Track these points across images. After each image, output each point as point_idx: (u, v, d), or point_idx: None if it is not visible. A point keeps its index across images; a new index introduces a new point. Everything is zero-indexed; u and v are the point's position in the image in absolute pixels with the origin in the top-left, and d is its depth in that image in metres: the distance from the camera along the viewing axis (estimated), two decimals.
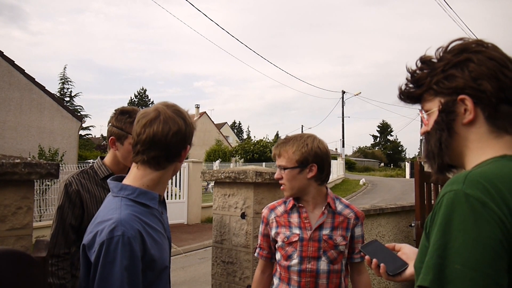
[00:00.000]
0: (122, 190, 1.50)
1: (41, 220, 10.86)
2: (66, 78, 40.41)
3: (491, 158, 1.02)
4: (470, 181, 0.91)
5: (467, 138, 1.06)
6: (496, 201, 0.87)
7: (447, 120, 1.07)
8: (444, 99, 1.08)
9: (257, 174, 2.87)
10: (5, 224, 1.75)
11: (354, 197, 22.26)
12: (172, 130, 1.49)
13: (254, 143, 33.18)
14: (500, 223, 0.85)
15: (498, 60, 1.04)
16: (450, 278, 0.84)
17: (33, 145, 13.55)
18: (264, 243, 2.22)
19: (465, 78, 1.04)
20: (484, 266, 0.82)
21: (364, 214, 2.25)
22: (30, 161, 1.78)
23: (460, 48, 1.09)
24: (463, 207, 0.87)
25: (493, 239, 0.84)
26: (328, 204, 2.13)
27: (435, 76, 1.10)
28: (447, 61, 1.08)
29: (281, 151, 2.11)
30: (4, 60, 13.57)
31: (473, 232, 0.85)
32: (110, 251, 1.32)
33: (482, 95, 1.03)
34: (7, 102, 13.62)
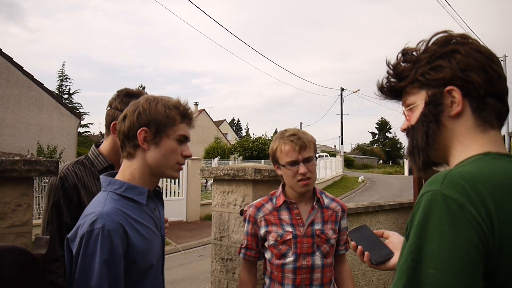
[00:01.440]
0: (110, 184, 1.49)
1: (40, 218, 10.87)
2: (65, 75, 40.29)
3: (475, 155, 0.98)
4: (449, 181, 0.87)
5: (454, 131, 1.02)
6: (475, 203, 0.84)
7: (435, 112, 1.03)
8: (431, 90, 1.04)
9: (256, 171, 2.87)
10: (4, 221, 1.75)
11: (352, 194, 22.28)
12: (122, 115, 1.52)
13: (253, 140, 33.19)
14: (477, 226, 0.82)
15: (485, 53, 1.02)
16: (423, 282, 0.81)
17: (32, 142, 13.54)
18: (252, 243, 2.14)
19: (453, 68, 1.01)
20: (458, 271, 0.80)
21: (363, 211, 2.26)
22: (29, 158, 1.78)
23: (445, 39, 1.05)
24: (440, 208, 0.84)
25: (468, 244, 0.81)
26: (318, 199, 2.13)
27: (420, 68, 1.05)
28: (433, 52, 1.05)
29: (306, 142, 2.02)
30: (2, 57, 13.55)
31: (448, 235, 0.82)
32: (90, 244, 1.31)
33: (470, 86, 1.00)
34: (5, 99, 13.60)
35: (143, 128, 1.47)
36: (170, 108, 1.51)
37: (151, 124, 1.48)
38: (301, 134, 2.05)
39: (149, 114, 1.48)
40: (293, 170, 2.02)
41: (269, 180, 2.99)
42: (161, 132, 1.49)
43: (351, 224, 4.27)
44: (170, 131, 1.50)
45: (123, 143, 1.52)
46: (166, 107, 1.50)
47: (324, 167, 26.96)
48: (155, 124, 1.48)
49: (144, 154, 1.50)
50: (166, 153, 1.50)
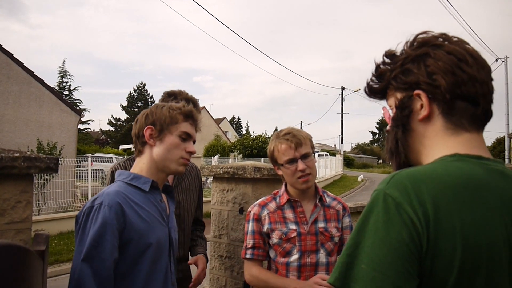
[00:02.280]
0: (120, 175, 1.70)
1: (39, 214, 10.89)
2: (65, 71, 40.42)
3: (442, 156, 0.99)
4: (394, 180, 0.89)
5: (423, 134, 1.03)
6: (412, 202, 0.85)
7: (402, 116, 1.04)
8: (401, 94, 1.05)
9: (255, 170, 2.88)
10: (4, 217, 1.76)
11: (352, 193, 22.30)
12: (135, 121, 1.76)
13: (253, 139, 33.16)
14: (410, 225, 0.83)
15: (457, 55, 1.00)
16: (355, 277, 0.84)
17: (32, 138, 13.53)
18: (260, 241, 2.13)
19: (420, 73, 1.01)
20: (386, 268, 0.82)
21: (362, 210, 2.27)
22: (29, 155, 1.78)
23: (422, 42, 1.05)
24: (379, 207, 0.87)
25: (398, 242, 0.83)
26: (321, 197, 2.15)
27: (394, 71, 1.06)
28: (407, 55, 1.05)
29: (301, 139, 2.06)
30: (3, 53, 13.52)
31: (381, 233, 0.84)
32: (89, 217, 1.51)
33: (436, 90, 1.00)
34: (5, 96, 13.59)
35: (149, 126, 1.69)
36: (174, 109, 1.72)
37: (156, 123, 1.69)
38: (296, 131, 2.09)
39: (155, 115, 1.70)
40: (292, 168, 2.04)
41: (269, 179, 2.99)
42: (164, 129, 1.69)
43: None
44: (172, 128, 1.69)
45: (135, 143, 1.74)
46: (170, 108, 1.72)
47: (324, 166, 26.98)
48: (160, 123, 1.69)
49: (151, 150, 1.69)
50: (170, 148, 1.68)
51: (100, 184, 14.19)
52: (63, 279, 7.37)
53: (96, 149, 31.41)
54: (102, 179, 14.58)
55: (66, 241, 9.63)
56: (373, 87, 1.13)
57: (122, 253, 1.53)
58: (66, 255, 8.55)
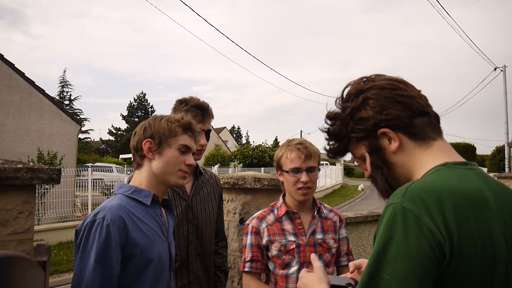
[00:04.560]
0: (120, 188, 1.67)
1: (39, 224, 10.86)
2: (66, 81, 40.44)
3: (434, 167, 1.06)
4: (409, 194, 0.94)
5: (403, 162, 1.11)
6: (431, 213, 0.90)
7: (379, 157, 1.13)
8: (367, 141, 1.14)
9: (256, 180, 2.89)
10: (6, 228, 1.77)
11: (352, 203, 22.25)
12: (133, 132, 1.73)
13: (253, 148, 33.19)
14: (430, 236, 0.89)
15: (388, 86, 1.12)
16: (378, 286, 0.89)
17: (32, 148, 13.54)
18: (258, 254, 2.13)
19: (372, 115, 1.11)
20: (409, 278, 0.87)
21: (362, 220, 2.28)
22: (32, 166, 1.80)
23: (355, 92, 1.16)
24: (398, 220, 0.91)
25: (419, 253, 0.88)
26: (318, 209, 2.17)
27: (347, 126, 1.16)
28: (350, 108, 1.15)
29: (312, 152, 2.08)
30: (4, 63, 13.58)
31: (403, 245, 0.89)
32: (91, 232, 1.47)
33: (394, 121, 1.09)
34: (6, 105, 13.62)
35: (147, 139, 1.66)
36: (172, 121, 1.69)
37: (154, 136, 1.66)
38: (308, 144, 2.12)
39: (153, 128, 1.67)
40: (296, 177, 2.06)
41: (269, 189, 3.00)
42: (163, 143, 1.66)
43: (350, 232, 4.28)
44: (171, 141, 1.66)
45: (134, 156, 1.71)
46: (169, 121, 1.68)
47: (324, 175, 26.94)
48: (158, 136, 1.66)
49: (150, 164, 1.67)
50: (169, 161, 1.66)
51: (100, 194, 14.17)
52: None
53: (96, 159, 31.38)
54: (102, 188, 14.56)
55: (66, 251, 9.59)
56: (335, 149, 1.23)
57: (124, 268, 1.51)
58: (66, 265, 8.52)
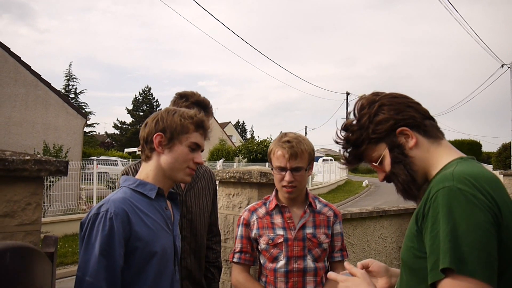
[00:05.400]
0: (126, 181, 1.66)
1: (45, 216, 10.93)
2: (71, 75, 40.54)
3: (452, 160, 1.23)
4: (458, 178, 1.08)
5: (420, 157, 1.26)
6: (483, 193, 1.05)
7: (400, 151, 1.27)
8: (387, 139, 1.29)
9: (261, 175, 2.89)
10: (14, 219, 1.78)
11: (356, 198, 22.23)
12: (144, 123, 1.71)
13: (258, 143, 33.14)
14: (490, 210, 1.03)
15: (399, 96, 1.33)
16: (462, 258, 0.99)
17: (38, 141, 13.61)
18: (248, 246, 2.15)
19: (391, 116, 1.28)
20: (486, 246, 1.00)
21: (367, 216, 2.26)
22: (40, 158, 1.81)
23: (368, 103, 1.32)
24: (460, 199, 1.04)
25: (488, 223, 1.02)
26: (310, 203, 2.15)
27: (367, 129, 1.30)
28: (368, 114, 1.30)
29: (299, 152, 2.01)
30: (11, 56, 13.63)
31: (472, 218, 1.01)
32: (95, 225, 1.47)
33: (410, 120, 1.27)
34: (12, 98, 13.69)
35: (158, 133, 1.64)
36: (185, 118, 1.67)
37: (166, 130, 1.64)
38: (296, 142, 2.03)
39: (165, 122, 1.65)
40: (280, 175, 2.06)
41: (274, 184, 3.00)
42: (174, 139, 1.64)
43: (355, 228, 4.28)
44: (183, 138, 1.65)
45: (143, 147, 1.69)
46: (182, 117, 1.66)
47: (329, 171, 26.92)
48: (170, 131, 1.64)
49: (159, 158, 1.65)
50: (178, 158, 1.64)
51: (105, 187, 14.23)
52: (68, 281, 7.38)
53: (101, 152, 31.49)
54: (107, 181, 14.63)
55: (71, 244, 9.66)
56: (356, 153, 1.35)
57: (127, 261, 1.51)
58: (71, 257, 8.58)
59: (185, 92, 2.27)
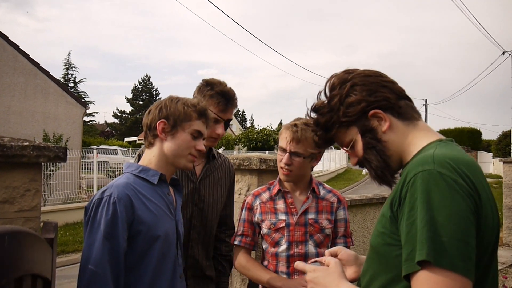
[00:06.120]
0: (129, 167, 1.70)
1: (45, 205, 10.97)
2: (71, 64, 40.32)
3: (431, 142, 1.14)
4: (438, 162, 1.00)
5: (394, 140, 1.18)
6: (463, 178, 0.98)
7: (372, 136, 1.19)
8: (359, 123, 1.20)
9: (261, 161, 2.89)
10: (13, 206, 1.78)
11: (356, 186, 22.28)
12: (148, 110, 1.74)
13: (258, 132, 33.16)
14: (470, 196, 0.96)
15: (373, 75, 1.22)
16: (441, 249, 0.92)
17: (38, 130, 13.58)
18: (249, 230, 2.17)
19: (363, 97, 1.18)
20: (466, 236, 0.93)
21: (367, 202, 2.26)
22: (38, 144, 1.80)
23: (339, 82, 1.22)
24: (440, 184, 0.96)
25: (467, 211, 0.95)
26: (313, 189, 2.15)
27: (337, 112, 1.21)
28: (338, 95, 1.21)
29: (301, 138, 2.00)
30: (9, 45, 13.53)
31: (452, 207, 0.94)
32: (99, 209, 1.52)
33: (384, 102, 1.18)
34: (11, 87, 13.63)
35: (162, 120, 1.67)
36: (188, 106, 1.70)
37: (169, 117, 1.68)
38: (302, 128, 2.02)
39: (169, 110, 1.68)
40: (280, 156, 2.08)
41: (274, 170, 3.00)
42: (177, 126, 1.68)
43: (355, 215, 4.29)
44: (185, 125, 1.68)
45: (146, 134, 1.73)
46: (185, 104, 1.70)
47: (328, 159, 26.96)
48: (173, 118, 1.68)
49: (162, 144, 1.69)
50: (180, 144, 1.68)
51: (105, 176, 14.26)
52: (69, 269, 7.44)
53: (101, 141, 31.51)
54: (107, 170, 14.65)
55: (72, 232, 9.70)
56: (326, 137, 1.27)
57: (131, 245, 1.55)
58: (72, 245, 8.63)
59: (212, 80, 2.21)
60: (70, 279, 6.78)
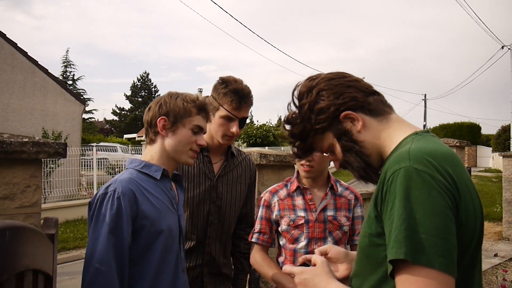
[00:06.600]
0: (131, 163, 1.71)
1: (45, 202, 10.97)
2: (69, 61, 40.24)
3: (407, 136, 1.13)
4: (414, 157, 0.99)
5: (371, 138, 1.18)
6: (441, 172, 0.96)
7: (348, 138, 1.18)
8: (332, 128, 1.20)
9: (261, 156, 2.89)
10: (14, 202, 1.78)
11: (356, 181, 22.28)
12: (148, 107, 1.75)
13: (257, 128, 33.15)
14: (447, 191, 0.95)
15: (336, 77, 1.22)
16: (418, 247, 0.90)
17: (37, 128, 13.57)
18: (266, 227, 2.18)
19: (331, 101, 1.18)
20: (445, 232, 0.92)
21: (364, 197, 2.28)
22: (38, 140, 1.80)
23: (305, 90, 1.23)
24: (416, 181, 0.95)
25: (445, 207, 0.93)
26: (332, 186, 2.16)
27: (309, 120, 1.21)
28: (307, 104, 1.21)
29: None
30: (7, 42, 13.50)
31: (429, 203, 0.93)
32: (103, 204, 1.53)
33: (352, 102, 1.18)
34: (10, 85, 13.60)
35: (162, 117, 1.68)
36: (188, 101, 1.71)
37: (169, 114, 1.69)
38: None
39: (169, 106, 1.69)
40: None
41: (274, 165, 3.01)
42: (178, 122, 1.69)
43: None
44: (186, 121, 1.70)
45: (147, 131, 1.74)
46: (184, 100, 1.71)
47: None
48: (173, 114, 1.69)
49: (163, 141, 1.71)
50: (181, 140, 1.69)
51: (105, 173, 14.25)
52: (70, 266, 7.46)
53: (100, 139, 31.46)
54: (107, 167, 14.65)
55: (73, 229, 9.72)
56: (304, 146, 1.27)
57: (135, 239, 1.57)
58: (73, 242, 8.64)
59: (228, 78, 2.16)
60: (71, 275, 6.80)
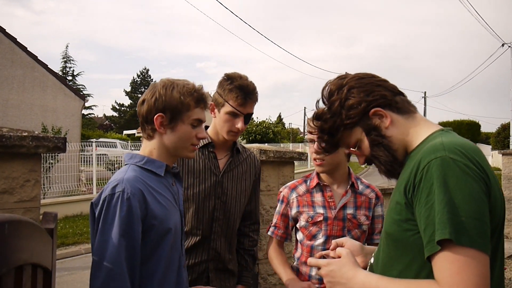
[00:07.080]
0: (132, 158, 1.63)
1: (44, 198, 10.97)
2: (69, 57, 40.11)
3: (433, 132, 1.21)
4: (449, 148, 1.07)
5: (398, 134, 1.24)
6: (473, 162, 1.05)
7: (377, 133, 1.25)
8: (362, 123, 1.26)
9: (261, 152, 2.88)
10: (13, 196, 1.77)
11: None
12: (141, 99, 1.64)
13: (257, 124, 33.12)
14: (481, 178, 1.04)
15: (366, 77, 1.29)
16: (460, 228, 0.98)
17: (36, 123, 13.54)
18: (281, 222, 2.18)
19: (362, 98, 1.24)
20: (481, 215, 1.00)
21: None
22: (37, 134, 1.79)
23: (336, 88, 1.29)
24: (454, 169, 1.03)
25: (480, 193, 1.02)
26: (352, 183, 2.12)
27: (340, 115, 1.26)
28: (338, 100, 1.27)
29: None
30: (7, 37, 13.45)
31: (466, 189, 1.01)
32: (111, 206, 1.45)
33: (381, 100, 1.24)
34: (9, 80, 13.56)
35: (159, 114, 1.58)
36: (185, 94, 1.61)
37: (166, 109, 1.59)
38: None
39: (165, 100, 1.59)
40: (311, 147, 2.07)
41: (274, 161, 3.00)
42: (176, 118, 1.60)
43: None
44: (185, 116, 1.61)
45: (143, 125, 1.64)
46: (181, 93, 1.60)
47: None
48: (171, 110, 1.59)
49: (162, 137, 1.63)
50: (181, 137, 1.63)
51: (104, 169, 14.25)
52: (69, 261, 7.48)
53: (100, 134, 31.46)
54: (106, 163, 14.64)
55: (72, 225, 9.72)
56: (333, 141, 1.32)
57: (144, 239, 1.52)
58: (72, 238, 8.65)
59: (233, 74, 2.15)
60: (70, 271, 6.81)
